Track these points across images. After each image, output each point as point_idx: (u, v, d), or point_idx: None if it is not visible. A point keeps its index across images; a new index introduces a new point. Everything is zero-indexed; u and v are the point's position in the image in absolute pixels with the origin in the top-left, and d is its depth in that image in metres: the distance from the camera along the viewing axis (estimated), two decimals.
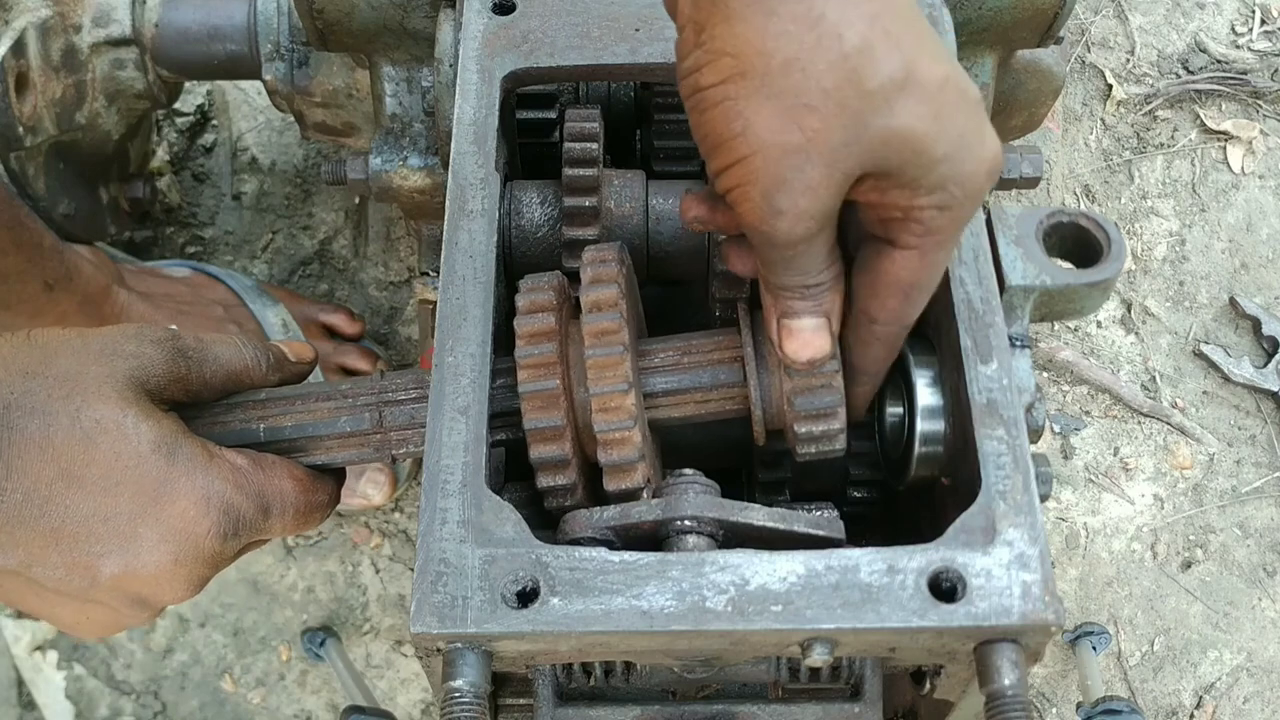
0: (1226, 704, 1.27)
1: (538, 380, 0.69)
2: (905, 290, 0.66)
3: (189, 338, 0.72)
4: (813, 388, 0.70)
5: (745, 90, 0.58)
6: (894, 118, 0.58)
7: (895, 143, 0.59)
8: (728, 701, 0.73)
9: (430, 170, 1.04)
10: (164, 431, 0.68)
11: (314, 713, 1.26)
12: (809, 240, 0.63)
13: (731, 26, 0.58)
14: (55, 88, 1.10)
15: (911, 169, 0.60)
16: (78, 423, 0.65)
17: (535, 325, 0.70)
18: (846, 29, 0.57)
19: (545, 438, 0.69)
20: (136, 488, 0.66)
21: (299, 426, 0.74)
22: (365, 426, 0.74)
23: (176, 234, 1.42)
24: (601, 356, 0.69)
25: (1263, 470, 1.35)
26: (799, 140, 0.58)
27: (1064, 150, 1.48)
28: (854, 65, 0.57)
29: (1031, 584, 0.62)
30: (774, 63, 0.57)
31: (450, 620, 0.62)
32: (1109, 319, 1.41)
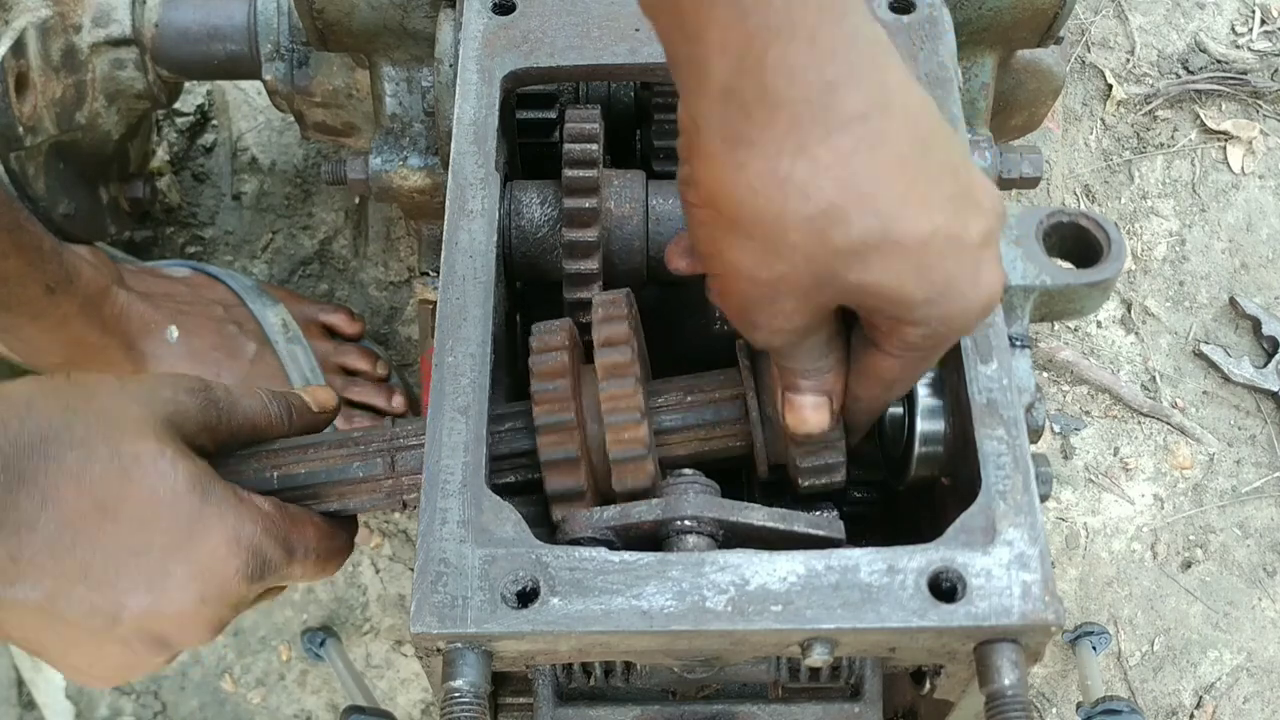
0: (1226, 704, 1.26)
1: (554, 414, 0.70)
2: (886, 384, 0.67)
3: (219, 389, 0.73)
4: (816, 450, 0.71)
5: (719, 223, 0.59)
6: (867, 274, 0.58)
7: (870, 293, 0.59)
8: (728, 701, 0.73)
9: (430, 170, 1.04)
10: (199, 471, 0.68)
11: (314, 713, 1.26)
12: (792, 347, 0.65)
13: (706, 165, 0.58)
14: (55, 88, 1.10)
15: (891, 309, 0.60)
16: (117, 457, 0.66)
17: (549, 364, 0.71)
18: (814, 191, 0.56)
19: (561, 470, 0.70)
20: (170, 524, 0.67)
21: (311, 474, 0.75)
22: (377, 472, 0.75)
23: (176, 234, 1.42)
24: (615, 389, 0.70)
25: (1263, 470, 1.35)
26: (767, 277, 0.59)
27: (1064, 150, 1.48)
28: (820, 227, 0.56)
29: (1031, 584, 0.62)
30: (743, 212, 0.58)
31: (450, 620, 0.62)
32: (1109, 319, 1.41)
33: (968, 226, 0.59)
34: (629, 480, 0.70)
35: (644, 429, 0.70)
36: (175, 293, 1.21)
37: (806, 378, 0.67)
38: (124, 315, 1.12)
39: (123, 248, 1.35)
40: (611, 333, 0.72)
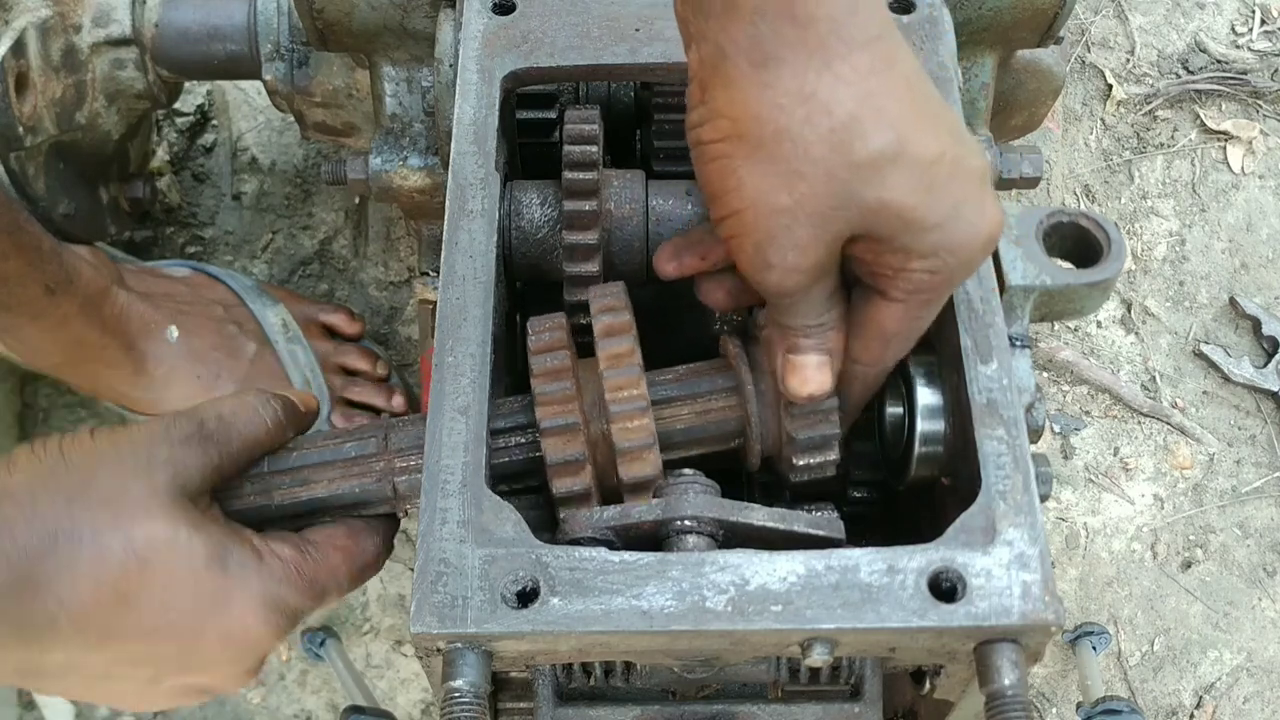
0: (1226, 704, 1.26)
1: (558, 416, 0.70)
2: (888, 338, 0.68)
3: (210, 420, 0.71)
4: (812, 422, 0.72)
5: (740, 151, 0.61)
6: (883, 189, 0.60)
7: (885, 213, 0.61)
8: (728, 701, 0.73)
9: (430, 170, 1.04)
10: (213, 542, 0.67)
11: (314, 713, 1.26)
12: (803, 291, 0.65)
13: (730, 92, 0.61)
14: (55, 88, 1.10)
15: (903, 236, 0.62)
16: (131, 545, 0.65)
17: (550, 364, 0.71)
18: (836, 105, 0.59)
19: (568, 471, 0.70)
20: (194, 603, 0.66)
21: (313, 499, 0.73)
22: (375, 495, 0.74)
23: (176, 234, 1.42)
24: (619, 379, 0.70)
25: (1263, 470, 1.35)
26: (787, 202, 0.61)
27: (1064, 150, 1.48)
28: (842, 139, 0.59)
29: (1031, 584, 0.62)
30: (766, 131, 0.60)
31: (450, 620, 0.62)
32: (1109, 319, 1.41)
33: (970, 156, 0.63)
34: (635, 470, 0.70)
35: (649, 418, 0.70)
36: (175, 293, 1.21)
37: (808, 335, 0.68)
38: (124, 315, 1.12)
39: (123, 248, 1.34)
40: (612, 323, 0.72)
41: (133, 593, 0.65)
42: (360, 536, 0.74)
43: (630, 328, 0.72)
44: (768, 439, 0.74)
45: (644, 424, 0.70)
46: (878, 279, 0.65)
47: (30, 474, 0.66)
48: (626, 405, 0.70)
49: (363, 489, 0.73)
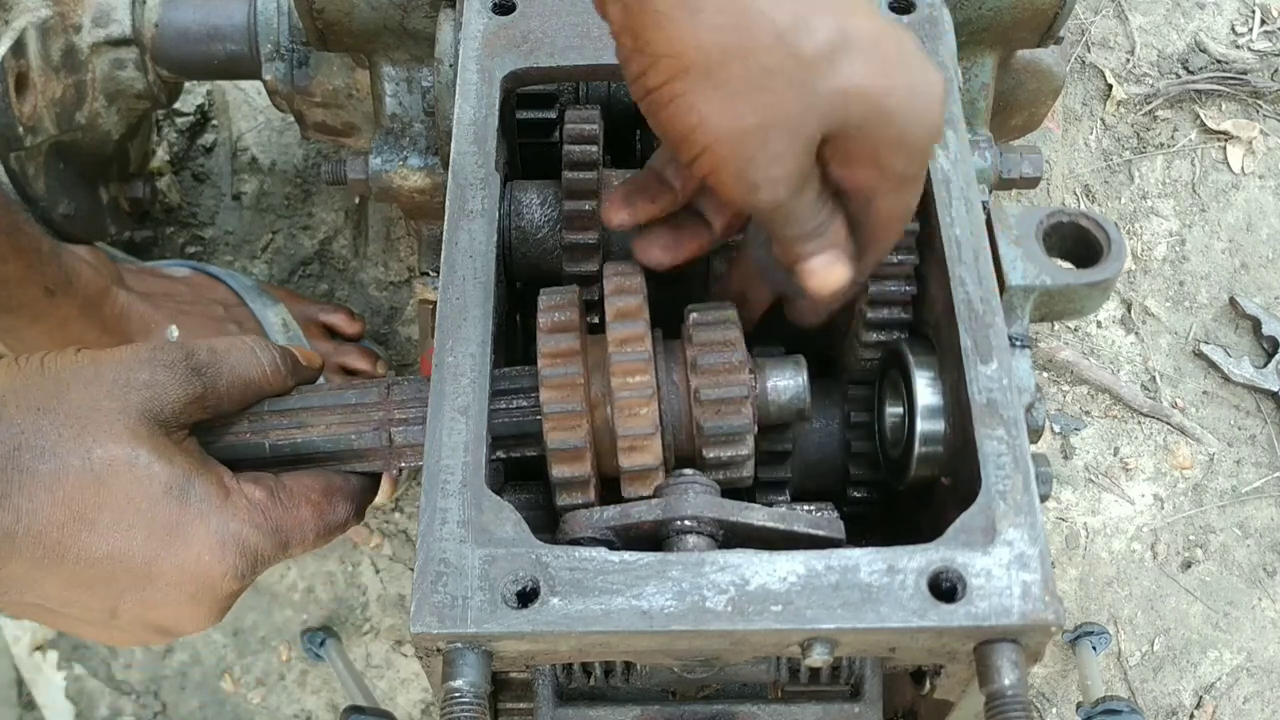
0: (1226, 704, 1.27)
1: (563, 401, 0.69)
2: (900, 219, 0.69)
3: (202, 351, 0.70)
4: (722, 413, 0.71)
5: (691, 85, 0.61)
6: (840, 78, 0.60)
7: (850, 101, 0.61)
8: (728, 701, 0.73)
9: (430, 170, 1.04)
10: (176, 472, 0.66)
11: (314, 713, 1.26)
12: (794, 198, 0.65)
13: (662, 30, 0.60)
14: (55, 88, 1.10)
15: (871, 125, 0.62)
16: (89, 463, 0.64)
17: (559, 345, 0.71)
18: (774, 9, 0.59)
19: (567, 458, 0.70)
20: (149, 530, 0.65)
21: (308, 442, 0.73)
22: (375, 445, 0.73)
23: (176, 234, 1.42)
24: (627, 363, 0.70)
25: (1263, 470, 1.35)
26: (755, 120, 0.61)
27: (1064, 150, 1.48)
28: (789, 39, 0.59)
29: (1031, 584, 0.62)
30: (712, 56, 0.60)
31: (450, 620, 0.62)
32: (1109, 319, 1.41)
33: (902, 30, 0.64)
34: (636, 460, 0.70)
35: (654, 406, 0.69)
36: (175, 293, 1.21)
37: (812, 238, 0.68)
38: (124, 316, 1.12)
39: (123, 248, 1.35)
40: (625, 305, 0.72)
41: (88, 513, 0.64)
42: (335, 496, 0.72)
43: (642, 310, 0.71)
44: (680, 434, 0.73)
45: (649, 412, 0.69)
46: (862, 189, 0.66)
47: (5, 382, 0.65)
48: (633, 393, 0.69)
49: (359, 437, 0.73)
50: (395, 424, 0.73)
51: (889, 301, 0.78)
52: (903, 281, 0.77)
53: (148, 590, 0.66)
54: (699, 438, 0.72)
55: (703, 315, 0.74)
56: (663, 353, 0.73)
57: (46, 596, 0.66)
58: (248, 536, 0.68)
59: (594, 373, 0.71)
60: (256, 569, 0.69)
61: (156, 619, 0.69)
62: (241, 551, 0.67)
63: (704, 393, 0.71)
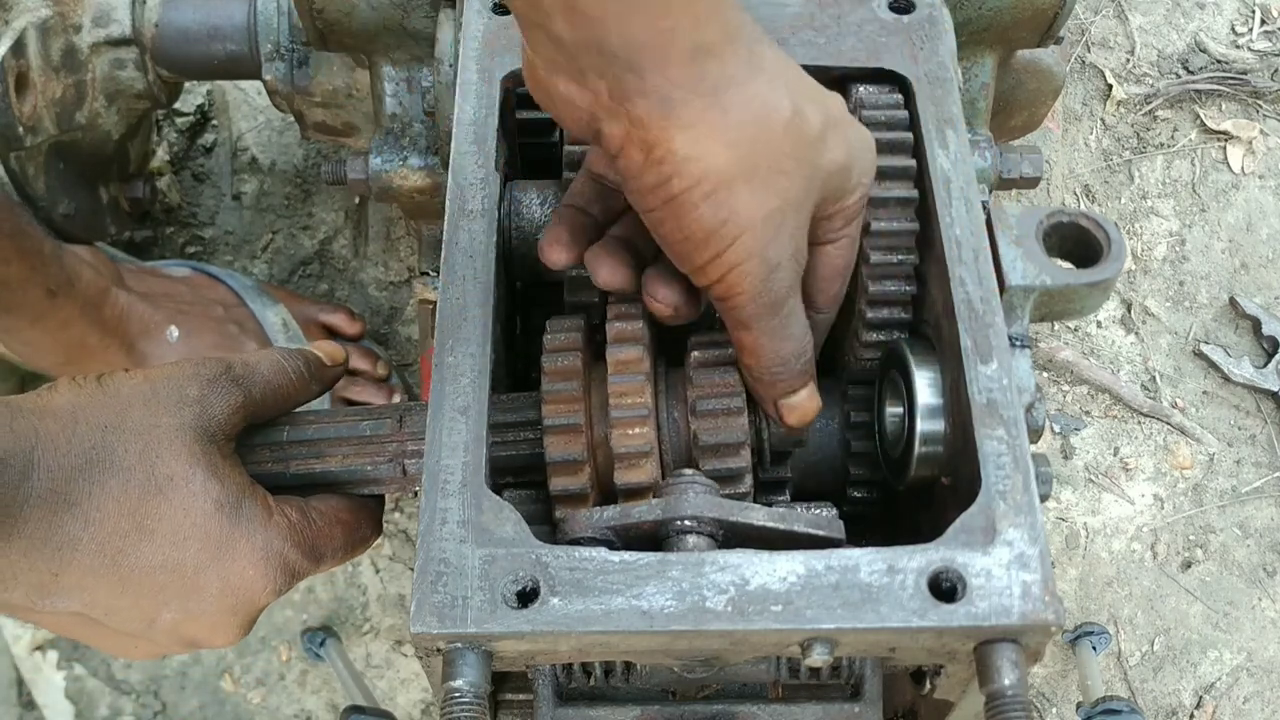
0: (1226, 704, 1.27)
1: (562, 415, 0.71)
2: (843, 274, 0.73)
3: (237, 366, 0.74)
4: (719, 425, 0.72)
5: (723, 182, 0.63)
6: (829, 153, 0.66)
7: (835, 170, 0.67)
8: (728, 701, 0.73)
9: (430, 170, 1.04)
10: (228, 490, 0.70)
11: (314, 713, 1.26)
12: (795, 288, 0.69)
13: (690, 133, 0.62)
14: (55, 88, 1.10)
15: (843, 182, 0.68)
16: (152, 478, 0.68)
17: (561, 364, 0.72)
18: (780, 100, 0.64)
19: (567, 470, 0.71)
20: (202, 543, 0.69)
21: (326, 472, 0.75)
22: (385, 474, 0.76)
23: (176, 234, 1.42)
24: (623, 385, 0.71)
25: (1263, 470, 1.35)
26: (777, 203, 0.65)
27: (1064, 150, 1.48)
28: (797, 125, 0.64)
29: (1031, 584, 0.62)
30: (742, 151, 0.63)
31: (450, 620, 0.62)
32: (1109, 319, 1.41)
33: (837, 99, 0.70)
34: (631, 477, 0.70)
35: (649, 426, 0.70)
36: (175, 293, 1.21)
37: (796, 372, 0.72)
38: (124, 316, 1.12)
39: (123, 248, 1.34)
40: (624, 329, 0.73)
41: (149, 523, 0.68)
42: (360, 514, 0.77)
43: (641, 335, 0.72)
44: (679, 447, 0.74)
45: (644, 432, 0.70)
46: (825, 230, 0.70)
47: (71, 398, 0.69)
48: (628, 412, 0.70)
49: (374, 467, 0.75)
50: (409, 456, 0.75)
51: (889, 301, 0.78)
52: (903, 281, 0.77)
53: (192, 600, 0.70)
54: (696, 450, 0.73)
55: (704, 355, 0.74)
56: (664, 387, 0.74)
57: (93, 604, 0.69)
58: (288, 553, 0.71)
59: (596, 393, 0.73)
60: (291, 583, 0.73)
61: (192, 631, 0.72)
62: (282, 567, 0.71)
63: (703, 438, 0.72)
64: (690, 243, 0.65)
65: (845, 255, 0.73)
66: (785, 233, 0.66)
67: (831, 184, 0.68)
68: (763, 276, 0.66)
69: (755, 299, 0.67)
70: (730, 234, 0.64)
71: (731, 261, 0.65)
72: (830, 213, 0.70)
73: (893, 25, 0.82)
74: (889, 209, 0.76)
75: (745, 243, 0.65)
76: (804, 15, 0.83)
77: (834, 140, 0.67)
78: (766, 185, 0.64)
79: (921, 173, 0.76)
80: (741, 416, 0.72)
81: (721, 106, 0.62)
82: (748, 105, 0.63)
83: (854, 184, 0.69)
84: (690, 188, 0.63)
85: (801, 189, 0.66)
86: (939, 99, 0.79)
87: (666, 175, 0.63)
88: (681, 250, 0.66)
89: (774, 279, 0.67)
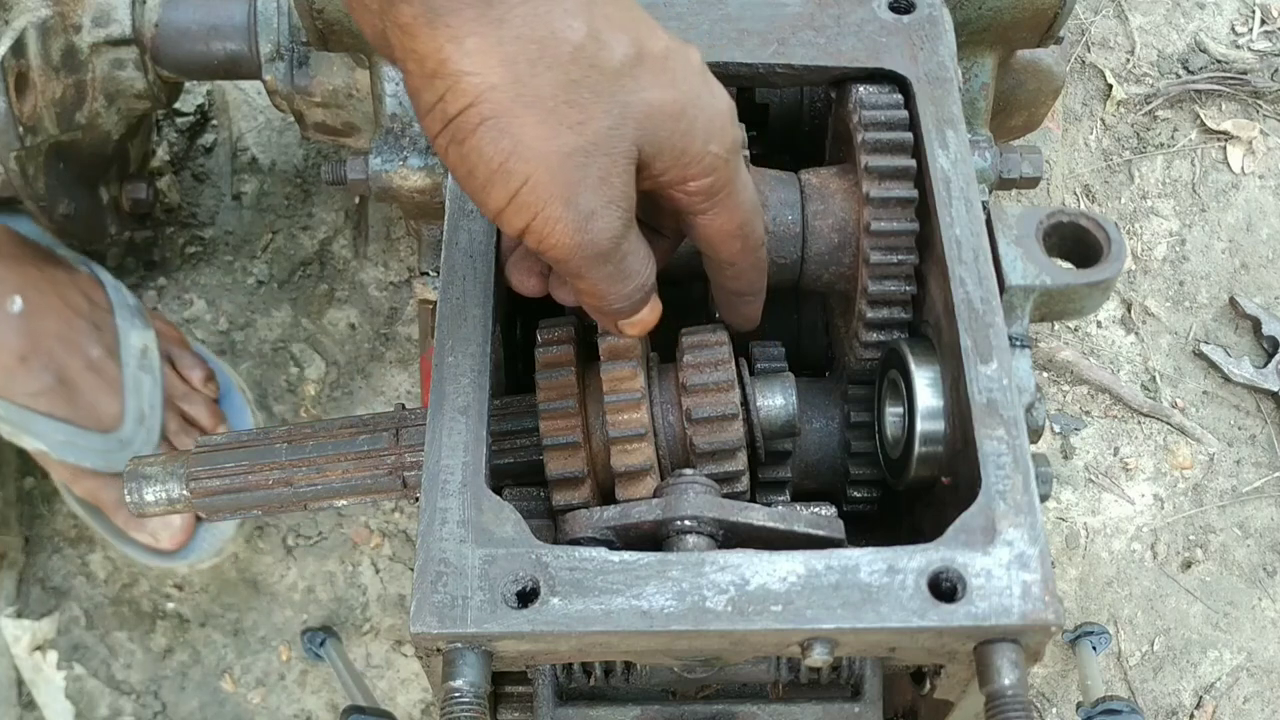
0: (1226, 704, 1.27)
1: (557, 400, 0.71)
2: (734, 235, 0.68)
3: None
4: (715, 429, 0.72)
5: (503, 106, 0.57)
6: (642, 91, 0.60)
7: (654, 115, 0.60)
8: (728, 701, 0.73)
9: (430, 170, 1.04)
10: None
11: (314, 713, 1.26)
12: (626, 233, 0.63)
13: (462, 45, 0.57)
14: (55, 88, 1.10)
15: (677, 138, 0.61)
16: None
17: (554, 354, 0.73)
18: (569, 20, 0.58)
19: (568, 486, 0.71)
20: None
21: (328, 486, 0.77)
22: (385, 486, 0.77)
23: (177, 234, 1.42)
24: (616, 370, 0.71)
25: (1263, 470, 1.35)
26: (574, 139, 0.58)
27: (1064, 150, 1.48)
28: (591, 52, 0.58)
29: (1031, 584, 0.62)
30: (521, 71, 0.57)
31: (450, 620, 0.62)
32: (1109, 319, 1.41)
33: (687, 48, 0.63)
34: (627, 461, 0.70)
35: (643, 410, 0.70)
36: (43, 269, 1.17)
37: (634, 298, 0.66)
38: None
39: (123, 248, 1.35)
40: (617, 345, 0.73)
41: None
42: None
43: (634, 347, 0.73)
44: (675, 450, 0.74)
45: (638, 416, 0.70)
46: (682, 208, 0.65)
47: None
48: (622, 397, 0.70)
49: (374, 481, 0.76)
50: (408, 468, 0.76)
51: (889, 301, 0.78)
52: (903, 281, 0.77)
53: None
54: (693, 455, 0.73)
55: (696, 357, 0.74)
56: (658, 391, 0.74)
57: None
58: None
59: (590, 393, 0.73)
60: None
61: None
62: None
63: (700, 444, 0.72)
64: (476, 179, 0.59)
65: (725, 220, 0.67)
66: (593, 176, 0.59)
67: (656, 134, 0.61)
68: (576, 226, 0.60)
69: (576, 251, 0.61)
70: (520, 171, 0.58)
71: (531, 206, 0.59)
72: (673, 178, 0.63)
73: (893, 25, 0.82)
74: (889, 209, 0.76)
75: (541, 183, 0.58)
76: (804, 15, 0.83)
77: (649, 80, 0.60)
78: (557, 117, 0.58)
79: (921, 173, 0.76)
80: (736, 421, 0.73)
81: (495, 19, 0.56)
82: (528, 21, 0.57)
83: (699, 149, 0.62)
84: (466, 108, 0.57)
85: (605, 129, 0.59)
86: (939, 99, 0.79)
87: (440, 92, 0.58)
88: (473, 191, 0.60)
89: (592, 228, 0.61)
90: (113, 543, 1.24)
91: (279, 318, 1.39)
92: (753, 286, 0.74)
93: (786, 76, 0.82)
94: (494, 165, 0.58)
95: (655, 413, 0.73)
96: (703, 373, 0.73)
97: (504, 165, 0.58)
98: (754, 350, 0.80)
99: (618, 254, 0.63)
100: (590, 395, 0.73)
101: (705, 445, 0.72)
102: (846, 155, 0.81)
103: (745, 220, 0.68)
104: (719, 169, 0.64)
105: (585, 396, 0.73)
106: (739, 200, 0.67)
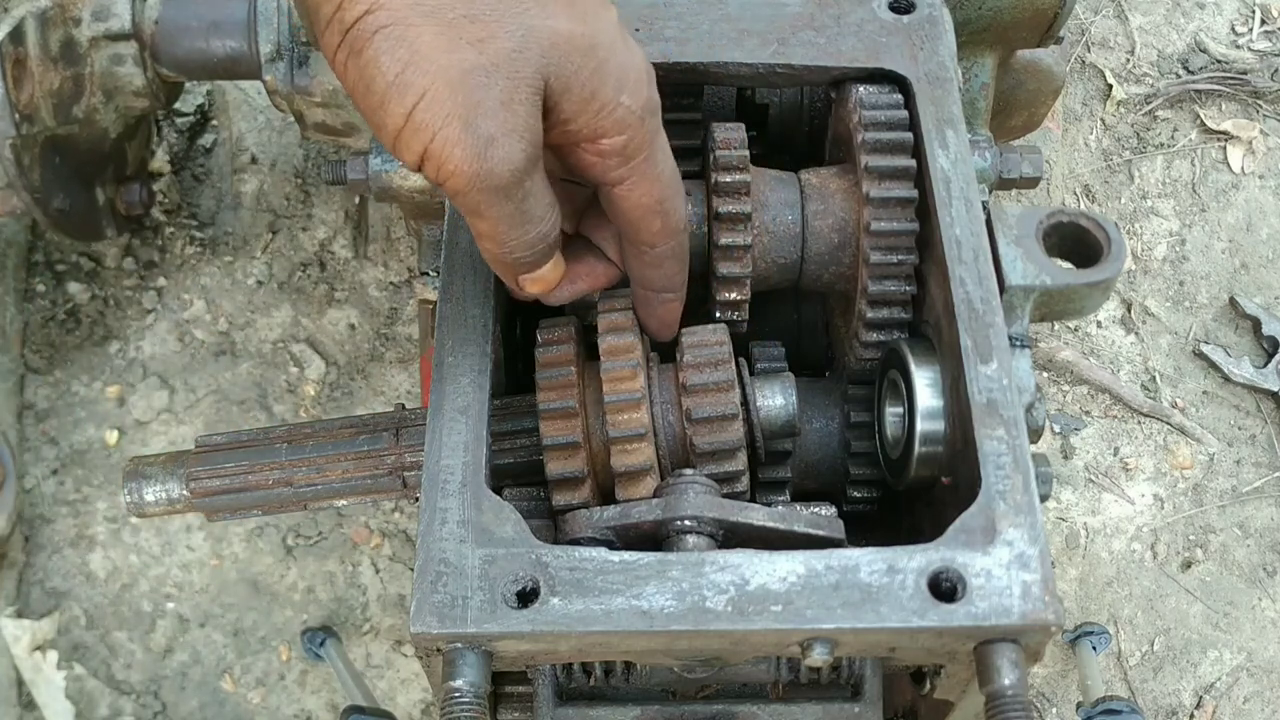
0: (1226, 704, 1.26)
1: (557, 400, 0.71)
2: (652, 210, 0.67)
3: None
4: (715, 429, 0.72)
5: (399, 16, 0.56)
6: (549, 19, 0.58)
7: (561, 45, 0.59)
8: (728, 701, 0.73)
9: None
10: None
11: (314, 713, 1.26)
12: (530, 171, 0.61)
13: None
14: (53, 79, 1.10)
15: (585, 76, 0.59)
16: None
17: (554, 354, 0.73)
18: None
19: (568, 486, 0.71)
20: None
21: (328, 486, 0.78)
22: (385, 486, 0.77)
23: (176, 234, 1.42)
24: (616, 370, 0.71)
25: (1263, 470, 1.35)
26: (475, 57, 0.57)
27: (1064, 150, 1.48)
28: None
29: (1031, 584, 0.62)
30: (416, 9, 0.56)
31: (450, 620, 0.62)
32: (1109, 319, 1.41)
33: None
34: (627, 461, 0.70)
35: (643, 410, 0.70)
36: None
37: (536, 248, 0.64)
38: None
39: (122, 249, 1.34)
40: (616, 320, 0.73)
41: None
42: None
43: (632, 324, 0.73)
44: (675, 450, 0.74)
45: (638, 416, 0.70)
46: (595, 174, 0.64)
47: None
48: (622, 397, 0.70)
49: (375, 481, 0.77)
50: (408, 468, 0.76)
51: (889, 301, 0.78)
52: (903, 281, 0.77)
53: None
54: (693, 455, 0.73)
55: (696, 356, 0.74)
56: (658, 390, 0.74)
57: None
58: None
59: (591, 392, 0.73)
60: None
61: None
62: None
63: (700, 444, 0.72)
64: (374, 94, 0.57)
65: (643, 193, 0.65)
66: (494, 98, 0.57)
67: (564, 66, 0.59)
68: (475, 150, 0.58)
69: (475, 181, 0.59)
70: (417, 84, 0.56)
71: (429, 125, 0.57)
72: (583, 127, 0.61)
73: (893, 25, 0.82)
74: (889, 209, 0.76)
75: (440, 98, 0.57)
76: (804, 15, 0.83)
77: (557, 8, 0.58)
78: (457, 30, 0.56)
79: (921, 173, 0.76)
80: (736, 421, 0.73)
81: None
82: None
83: (610, 96, 0.60)
84: (363, 15, 0.56)
85: (508, 49, 0.57)
86: (939, 99, 0.79)
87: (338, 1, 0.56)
88: (371, 109, 0.58)
89: (492, 156, 0.58)
90: None
91: (279, 318, 1.39)
92: (671, 281, 0.72)
93: (786, 76, 0.82)
94: (390, 76, 0.57)
95: (655, 413, 0.73)
96: (703, 373, 0.73)
97: (400, 76, 0.57)
98: (754, 350, 0.80)
99: (519, 191, 0.61)
100: (590, 395, 0.73)
101: (705, 445, 0.72)
102: (846, 155, 0.81)
103: (665, 196, 0.66)
104: (633, 126, 0.62)
105: (585, 396, 0.73)
106: (658, 171, 0.65)
